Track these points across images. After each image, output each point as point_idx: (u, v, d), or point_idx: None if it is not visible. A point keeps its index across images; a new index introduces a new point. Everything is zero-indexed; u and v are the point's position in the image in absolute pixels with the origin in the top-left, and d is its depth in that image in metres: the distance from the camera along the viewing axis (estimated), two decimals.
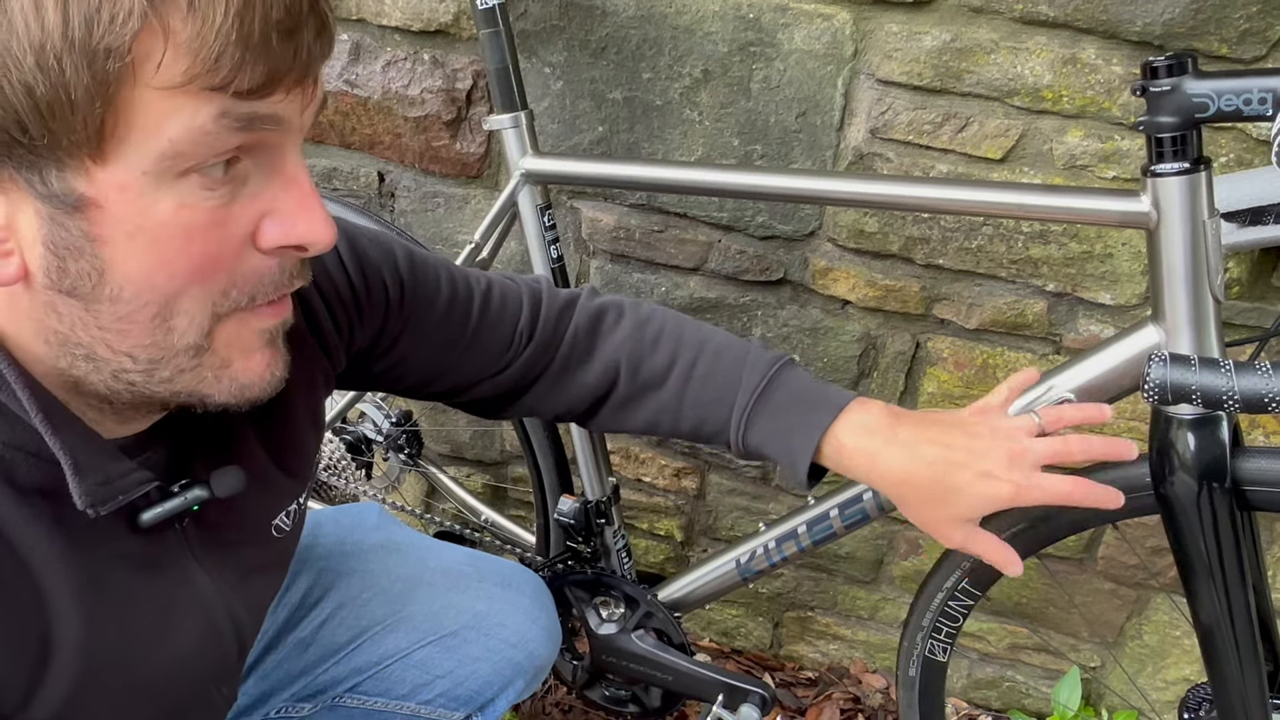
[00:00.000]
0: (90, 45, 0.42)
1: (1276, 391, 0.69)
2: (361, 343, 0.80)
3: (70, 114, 0.44)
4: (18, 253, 0.48)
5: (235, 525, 0.69)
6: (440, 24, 1.28)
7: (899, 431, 0.81)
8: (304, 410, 0.74)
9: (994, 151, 1.15)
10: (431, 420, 1.68)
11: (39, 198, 0.46)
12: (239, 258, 0.52)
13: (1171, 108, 0.77)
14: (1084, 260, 1.19)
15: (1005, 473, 0.76)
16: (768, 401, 0.86)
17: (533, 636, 1.06)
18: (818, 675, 1.70)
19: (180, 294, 0.50)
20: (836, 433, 0.82)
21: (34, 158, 0.45)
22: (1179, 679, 1.47)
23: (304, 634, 1.00)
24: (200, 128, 0.46)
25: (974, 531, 0.81)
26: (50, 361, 0.52)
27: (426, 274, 0.83)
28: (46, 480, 0.54)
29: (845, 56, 1.15)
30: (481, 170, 1.39)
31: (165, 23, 0.43)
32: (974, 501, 0.78)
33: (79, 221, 0.47)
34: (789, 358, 0.88)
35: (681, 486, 1.58)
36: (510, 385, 0.90)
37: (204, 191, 0.48)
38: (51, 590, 0.56)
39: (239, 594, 0.71)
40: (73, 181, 0.46)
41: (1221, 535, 0.87)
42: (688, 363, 0.89)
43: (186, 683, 0.69)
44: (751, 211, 1.29)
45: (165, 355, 0.52)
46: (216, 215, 0.49)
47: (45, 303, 0.50)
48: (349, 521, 1.09)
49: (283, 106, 0.49)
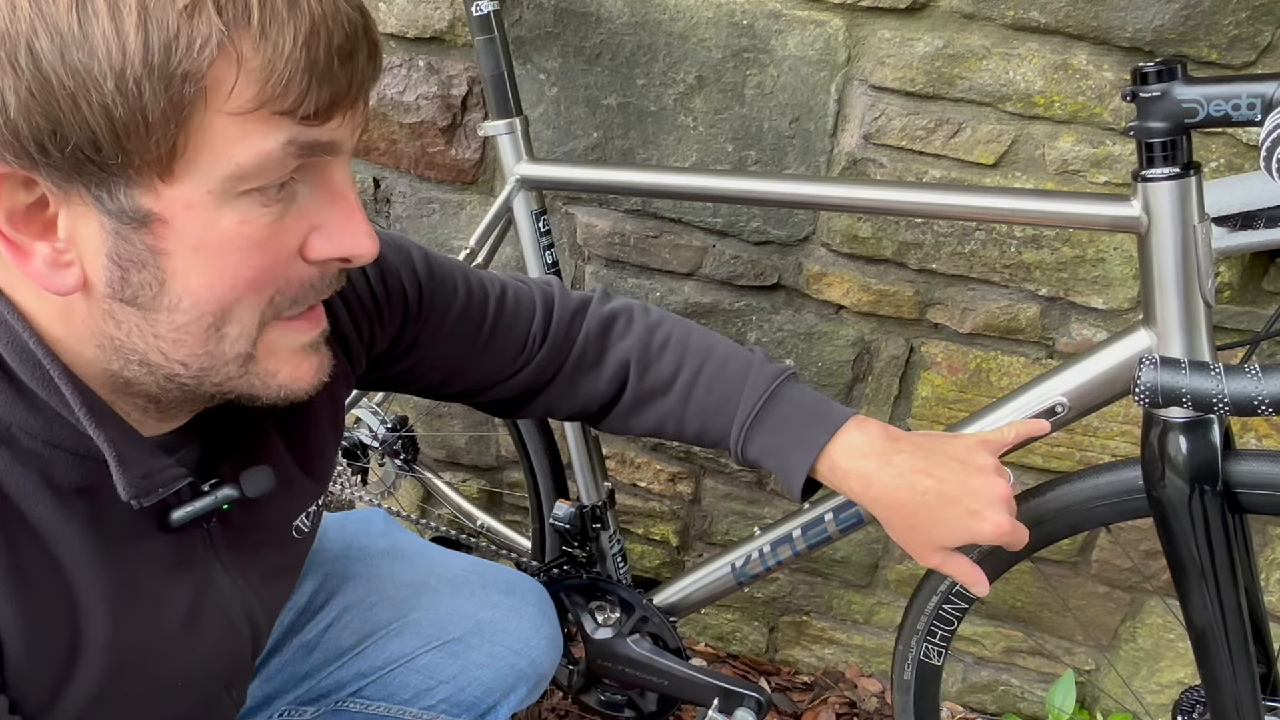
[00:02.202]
0: (168, 70, 0.44)
1: (1266, 394, 0.69)
2: (381, 345, 0.81)
3: (145, 135, 0.45)
4: (78, 264, 0.50)
5: (259, 526, 0.71)
6: (435, 30, 1.28)
7: (894, 458, 0.82)
8: (326, 413, 0.75)
9: (986, 157, 1.16)
10: (427, 426, 1.68)
11: (105, 212, 0.48)
12: (288, 268, 0.54)
13: (1161, 113, 0.77)
14: (1076, 265, 1.19)
15: (992, 513, 0.79)
16: (767, 416, 0.87)
17: (536, 644, 1.07)
18: (813, 679, 1.70)
19: (236, 304, 0.53)
20: (832, 453, 0.84)
21: (104, 175, 0.47)
22: (1173, 682, 1.47)
23: (309, 637, 1.00)
24: (268, 154, 0.48)
25: (950, 555, 0.83)
26: (101, 364, 0.54)
27: (444, 277, 0.84)
28: (85, 479, 0.56)
29: (838, 62, 1.16)
30: (477, 176, 1.39)
31: (239, 49, 0.45)
32: (957, 534, 0.81)
33: (144, 236, 0.49)
34: (791, 371, 0.90)
35: (677, 491, 1.58)
36: (524, 387, 0.91)
37: (262, 208, 0.51)
38: (82, 591, 0.57)
39: (258, 595, 0.72)
40: (140, 199, 0.48)
41: (1213, 538, 0.87)
42: (693, 371, 0.90)
43: (203, 683, 0.70)
44: (746, 217, 1.29)
45: (216, 364, 0.55)
46: (272, 229, 0.52)
47: (104, 311, 0.52)
48: (355, 526, 1.10)
49: (339, 132, 0.52)
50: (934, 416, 1.37)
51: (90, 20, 0.43)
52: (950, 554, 0.83)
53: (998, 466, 0.81)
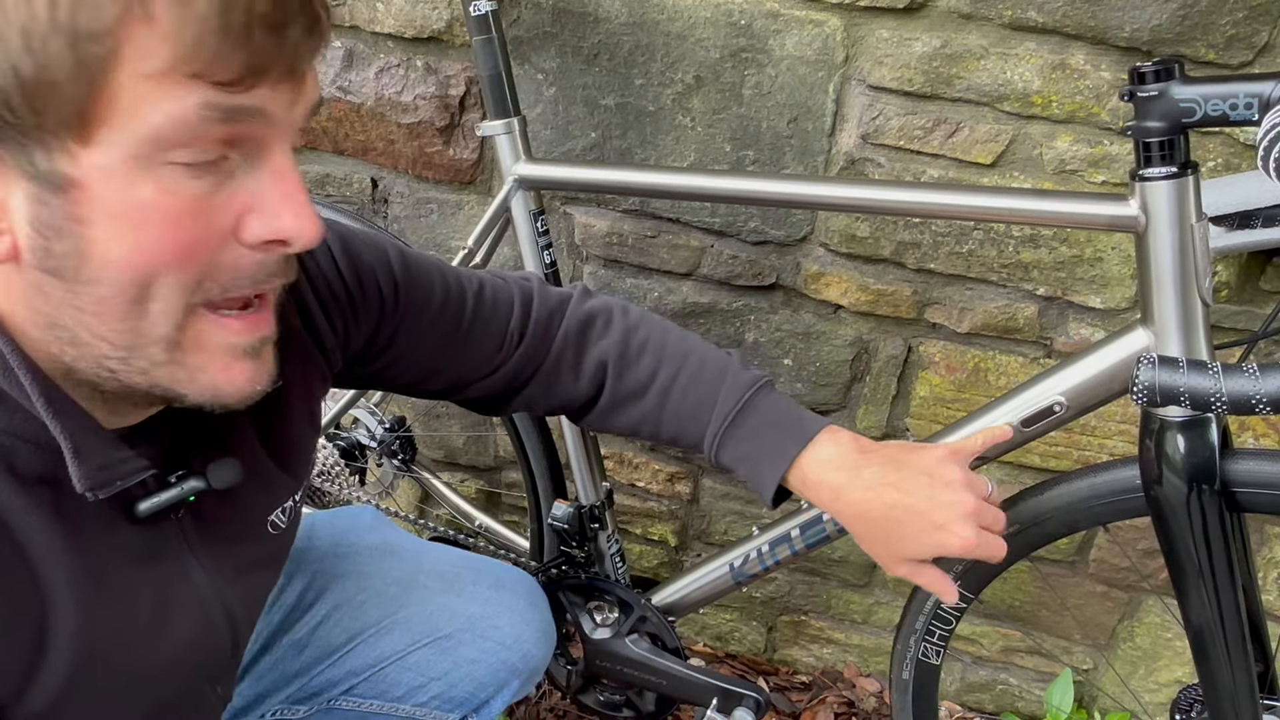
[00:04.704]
0: (74, 28, 0.44)
1: (1263, 393, 0.69)
2: (357, 343, 0.81)
3: (54, 95, 0.45)
4: (9, 232, 0.49)
5: (232, 519, 0.70)
6: (433, 31, 1.28)
7: (864, 471, 0.83)
8: (301, 409, 0.75)
9: (984, 156, 1.16)
10: (425, 426, 1.68)
11: (28, 178, 0.48)
12: (219, 248, 0.52)
13: (1159, 113, 0.77)
14: (1074, 264, 1.19)
15: (959, 527, 0.79)
16: (740, 425, 0.88)
17: (527, 638, 1.07)
18: (812, 679, 1.70)
19: (156, 279, 0.51)
20: (803, 464, 0.85)
21: (21, 138, 0.46)
22: (1171, 680, 1.48)
23: (299, 635, 1.00)
24: (183, 117, 0.47)
25: (918, 566, 0.84)
26: (44, 347, 0.54)
27: (420, 274, 0.83)
28: (47, 468, 0.55)
29: (836, 62, 1.16)
30: (475, 176, 1.39)
31: (148, 9, 0.45)
32: (924, 547, 0.81)
33: (63, 202, 0.48)
34: (766, 379, 0.90)
35: (675, 491, 1.58)
36: (503, 385, 0.91)
37: (187, 179, 0.49)
38: (49, 579, 0.56)
39: (235, 589, 0.72)
40: (58, 162, 0.47)
41: (1211, 537, 0.87)
42: (669, 376, 0.90)
43: (180, 677, 0.69)
44: (744, 217, 1.29)
45: (140, 343, 0.53)
46: (199, 204, 0.50)
47: (33, 283, 0.51)
48: (344, 524, 1.10)
49: (268, 100, 0.50)
50: (932, 416, 1.37)
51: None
52: (918, 565, 0.84)
53: (967, 479, 0.81)
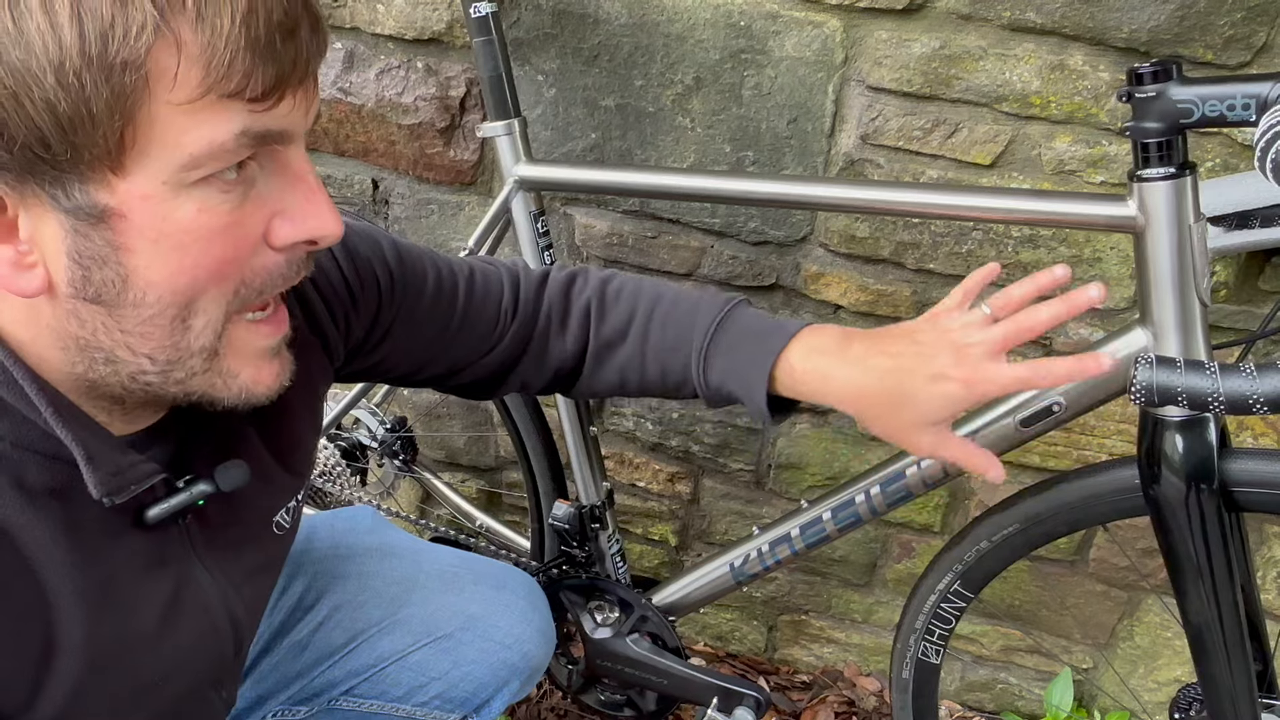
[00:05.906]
0: (107, 60, 0.44)
1: (1261, 393, 0.69)
2: (358, 334, 0.81)
3: (91, 128, 0.45)
4: (42, 265, 0.50)
5: (238, 523, 0.71)
6: (434, 32, 1.29)
7: (850, 349, 0.80)
8: (303, 408, 0.75)
9: (983, 157, 1.16)
10: (426, 426, 1.68)
11: (62, 211, 0.48)
12: (251, 255, 0.54)
13: (1157, 113, 0.78)
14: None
15: (954, 370, 0.73)
16: (721, 339, 0.86)
17: (527, 637, 1.07)
18: (812, 678, 1.70)
19: (200, 295, 0.53)
20: (789, 357, 0.82)
21: (57, 173, 0.46)
22: (1170, 680, 1.48)
23: (300, 636, 1.01)
24: (221, 145, 0.48)
25: (944, 437, 0.78)
26: (66, 367, 0.54)
27: (414, 263, 0.84)
28: (56, 481, 0.55)
29: (835, 63, 1.16)
30: (475, 177, 1.39)
31: (177, 34, 0.45)
32: (931, 405, 0.75)
33: (103, 232, 0.49)
34: (742, 298, 0.89)
35: (675, 491, 1.58)
36: (499, 363, 0.91)
37: (220, 195, 0.50)
38: (55, 591, 0.56)
39: (239, 593, 0.72)
40: (95, 194, 0.47)
41: (1210, 536, 0.88)
42: (645, 313, 0.90)
43: (185, 682, 0.70)
44: (743, 217, 1.30)
45: (182, 357, 0.55)
46: (232, 217, 0.51)
47: (68, 311, 0.52)
48: (344, 525, 1.10)
49: (291, 118, 0.51)
50: None
51: (24, 16, 0.43)
52: (944, 435, 0.77)
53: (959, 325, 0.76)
